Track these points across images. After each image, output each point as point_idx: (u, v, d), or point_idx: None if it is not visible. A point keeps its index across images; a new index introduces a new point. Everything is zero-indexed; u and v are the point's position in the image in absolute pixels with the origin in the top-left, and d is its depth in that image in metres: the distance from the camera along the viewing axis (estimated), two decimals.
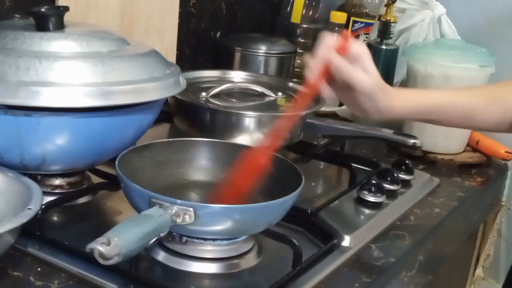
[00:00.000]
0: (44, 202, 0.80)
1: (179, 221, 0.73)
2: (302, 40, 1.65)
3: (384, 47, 1.39)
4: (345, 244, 0.90)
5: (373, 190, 1.02)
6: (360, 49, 0.83)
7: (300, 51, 1.62)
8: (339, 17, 1.49)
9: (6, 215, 0.76)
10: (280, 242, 0.84)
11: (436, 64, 1.26)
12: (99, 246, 0.64)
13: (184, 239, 0.80)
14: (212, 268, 0.80)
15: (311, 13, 1.66)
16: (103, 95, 0.82)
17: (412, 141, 1.02)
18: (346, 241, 0.90)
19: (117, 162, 0.82)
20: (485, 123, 0.94)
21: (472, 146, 1.34)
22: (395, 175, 1.10)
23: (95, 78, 0.83)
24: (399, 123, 1.35)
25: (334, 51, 0.82)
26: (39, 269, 0.77)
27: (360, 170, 1.15)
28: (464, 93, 0.93)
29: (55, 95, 0.80)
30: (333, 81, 0.84)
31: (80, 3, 1.15)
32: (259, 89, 1.22)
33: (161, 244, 0.81)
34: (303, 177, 0.83)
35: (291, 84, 1.30)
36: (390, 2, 1.38)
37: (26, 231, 0.77)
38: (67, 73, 0.82)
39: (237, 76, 1.32)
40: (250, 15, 1.68)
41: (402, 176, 1.13)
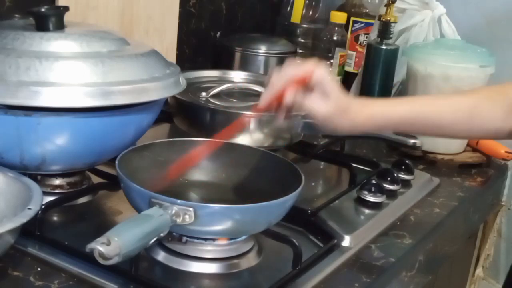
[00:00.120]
0: (44, 202, 0.80)
1: (179, 221, 0.73)
2: (302, 40, 1.65)
3: (384, 47, 1.39)
4: (345, 244, 0.90)
5: (373, 190, 1.02)
6: (320, 75, 0.82)
7: (300, 51, 1.62)
8: (339, 17, 1.49)
9: (6, 215, 0.76)
10: (280, 242, 0.84)
11: (436, 64, 1.26)
12: (99, 246, 0.64)
13: (184, 239, 0.80)
14: (212, 268, 0.80)
15: (311, 13, 1.66)
16: (103, 95, 0.82)
17: (412, 141, 1.02)
18: (346, 241, 0.90)
19: (117, 162, 0.82)
20: (454, 131, 0.89)
21: (472, 146, 1.34)
22: (395, 175, 1.10)
23: (95, 78, 0.83)
24: None
25: (290, 84, 0.82)
26: (39, 269, 0.77)
27: (360, 170, 1.15)
28: (430, 103, 0.88)
29: (55, 95, 0.80)
30: (287, 109, 0.84)
31: (80, 3, 1.15)
32: (259, 89, 1.22)
33: (161, 244, 0.81)
34: (303, 177, 0.83)
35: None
36: (390, 2, 1.38)
37: (26, 231, 0.77)
38: (67, 73, 0.82)
39: (237, 76, 1.32)
40: (250, 15, 1.68)
41: (402, 176, 1.13)
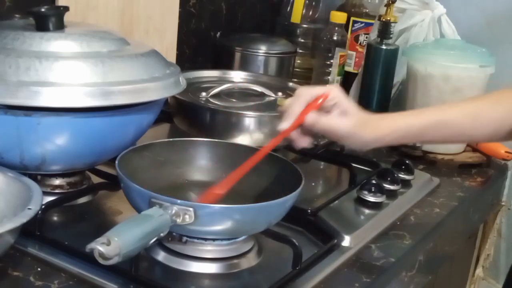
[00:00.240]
0: (44, 202, 0.80)
1: (179, 221, 0.73)
2: (302, 40, 1.65)
3: (384, 47, 1.39)
4: (345, 244, 0.90)
5: (373, 190, 1.02)
6: (336, 94, 0.85)
7: (300, 51, 1.63)
8: (339, 17, 1.50)
9: (6, 215, 0.76)
10: (280, 242, 0.84)
11: (436, 64, 1.26)
12: (99, 246, 0.64)
13: (184, 239, 0.80)
14: (212, 268, 0.80)
15: (311, 13, 1.66)
16: (103, 95, 0.82)
17: None
18: (346, 241, 0.90)
19: (117, 162, 0.82)
20: (478, 135, 0.92)
21: (472, 146, 1.34)
22: (395, 175, 1.10)
23: (95, 78, 0.83)
24: None
25: (308, 108, 0.84)
26: (39, 269, 0.76)
27: (360, 170, 1.15)
28: (450, 110, 0.90)
29: (55, 95, 0.80)
30: (309, 132, 0.86)
31: (80, 3, 1.15)
32: (259, 89, 1.22)
33: (161, 244, 0.81)
34: (303, 177, 0.83)
35: (291, 84, 1.30)
36: (390, 2, 1.38)
37: (26, 231, 0.77)
38: (67, 73, 0.82)
39: (237, 76, 1.32)
40: (250, 15, 1.68)
41: (402, 176, 1.13)
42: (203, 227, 0.75)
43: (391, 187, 1.08)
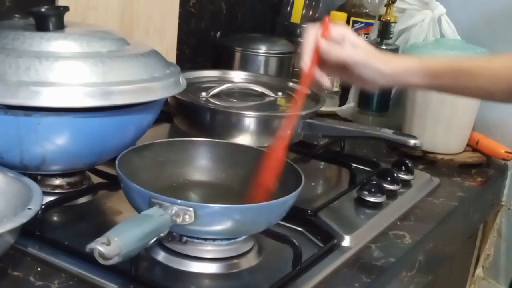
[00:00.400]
0: (44, 202, 0.80)
1: (179, 221, 0.73)
2: (302, 40, 1.65)
3: (384, 47, 1.39)
4: (345, 244, 0.90)
5: (373, 190, 1.02)
6: (342, 30, 0.90)
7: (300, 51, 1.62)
8: (339, 17, 1.50)
9: (6, 215, 0.76)
10: (280, 242, 0.84)
11: None
12: (99, 246, 0.64)
13: (184, 239, 0.80)
14: (212, 268, 0.80)
15: (311, 13, 1.66)
16: (103, 95, 0.82)
17: (412, 141, 1.02)
18: (346, 241, 0.90)
19: (117, 162, 0.82)
20: (496, 90, 0.87)
21: (472, 146, 1.34)
22: (395, 175, 1.10)
23: (95, 78, 0.83)
24: (399, 123, 1.35)
25: (320, 38, 0.89)
26: (39, 269, 0.77)
27: (360, 170, 1.15)
28: (468, 60, 0.91)
29: (55, 95, 0.80)
30: (327, 66, 0.90)
31: (80, 3, 1.15)
32: (259, 89, 1.22)
33: (161, 244, 0.81)
34: (303, 177, 0.83)
35: (291, 84, 1.30)
36: (390, 2, 1.38)
37: (26, 231, 0.77)
38: (67, 73, 0.82)
39: (237, 76, 1.32)
40: (250, 15, 1.68)
41: (402, 176, 1.13)
42: (203, 227, 0.75)
43: (391, 187, 1.08)
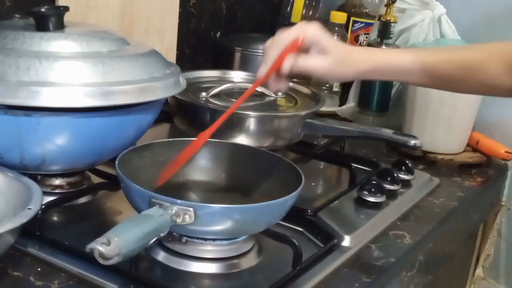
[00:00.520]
0: (44, 202, 0.80)
1: (179, 221, 0.73)
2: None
3: (384, 47, 1.39)
4: (345, 244, 0.90)
5: (373, 190, 1.02)
6: (313, 33, 0.85)
7: None
8: (339, 17, 1.49)
9: (6, 215, 0.76)
10: (280, 242, 0.84)
11: None
12: (99, 246, 0.64)
13: (184, 239, 0.80)
14: (212, 268, 0.80)
15: (311, 13, 1.66)
16: (103, 95, 0.82)
17: (412, 141, 1.02)
18: (346, 241, 0.90)
19: (117, 162, 0.82)
20: (454, 86, 0.90)
21: (472, 146, 1.34)
22: (395, 175, 1.10)
23: (95, 78, 0.83)
24: (399, 123, 1.35)
25: (285, 51, 0.84)
26: (39, 269, 0.77)
27: (360, 170, 1.15)
28: (434, 56, 0.87)
29: (55, 95, 0.80)
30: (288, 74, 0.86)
31: (80, 3, 1.15)
32: (259, 89, 1.21)
33: (161, 244, 0.81)
34: (303, 177, 0.83)
35: (291, 84, 1.30)
36: (390, 2, 1.38)
37: (26, 231, 0.77)
38: (67, 73, 0.82)
39: (237, 76, 1.32)
40: (250, 15, 1.68)
41: (402, 176, 1.13)
42: (203, 227, 0.75)
43: (391, 187, 1.08)
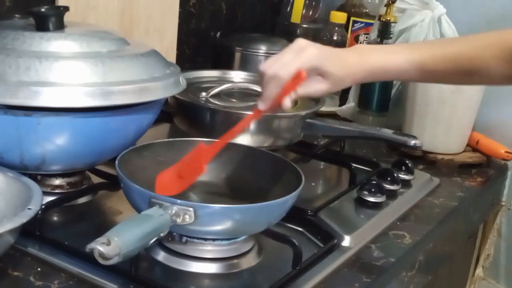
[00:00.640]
0: (44, 202, 0.80)
1: (179, 221, 0.73)
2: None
3: None
4: (345, 244, 0.90)
5: (373, 190, 1.02)
6: (312, 63, 0.83)
7: None
8: (339, 17, 1.49)
9: (6, 215, 0.76)
10: (280, 242, 0.84)
11: None
12: (99, 246, 0.64)
13: (184, 239, 0.80)
14: (212, 268, 0.80)
15: (311, 13, 1.66)
16: (103, 95, 0.82)
17: (413, 141, 1.02)
18: (346, 241, 0.90)
19: (117, 162, 0.82)
20: (453, 81, 0.91)
21: (472, 146, 1.34)
22: (395, 175, 1.10)
23: (95, 78, 0.83)
24: (399, 123, 1.35)
25: (286, 89, 0.83)
26: (39, 269, 0.77)
27: (360, 170, 1.15)
28: (429, 54, 0.86)
29: (55, 95, 0.80)
30: None
31: (80, 3, 1.15)
32: (259, 89, 1.21)
33: (161, 244, 0.81)
34: (303, 177, 0.83)
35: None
36: (390, 2, 1.38)
37: (26, 231, 0.77)
38: (67, 73, 0.82)
39: (237, 76, 1.32)
40: (250, 15, 1.68)
41: (402, 176, 1.13)
42: (203, 227, 0.75)
43: (391, 187, 1.08)
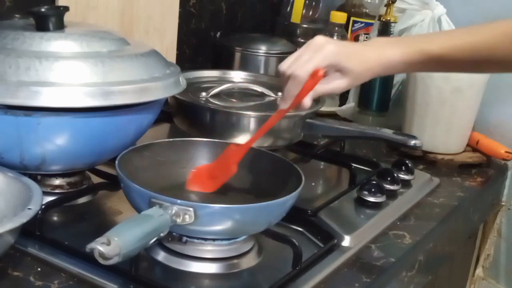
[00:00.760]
0: (44, 202, 0.80)
1: (179, 221, 0.73)
2: (302, 40, 1.65)
3: None
4: (345, 244, 0.90)
5: (373, 190, 1.02)
6: (330, 60, 0.83)
7: None
8: (339, 17, 1.49)
9: (6, 215, 0.76)
10: (280, 242, 0.84)
11: None
12: (99, 246, 0.64)
13: (184, 239, 0.80)
14: (212, 268, 0.80)
15: (311, 13, 1.66)
16: (103, 95, 0.82)
17: (413, 141, 1.02)
18: (346, 241, 0.90)
19: (117, 162, 0.82)
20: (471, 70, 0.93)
21: (472, 146, 1.34)
22: (395, 175, 1.10)
23: (95, 78, 0.83)
24: (399, 123, 1.35)
25: (305, 88, 0.83)
26: (39, 269, 0.77)
27: (360, 170, 1.15)
28: (447, 46, 0.86)
29: (55, 95, 0.80)
30: None
31: (80, 3, 1.15)
32: (259, 89, 1.22)
33: (161, 244, 0.81)
34: (303, 177, 0.83)
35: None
36: (390, 2, 1.38)
37: (26, 231, 0.77)
38: (67, 73, 0.82)
39: (237, 76, 1.32)
40: (250, 15, 1.68)
41: (402, 176, 1.13)
42: (203, 227, 0.75)
43: (391, 187, 1.08)
